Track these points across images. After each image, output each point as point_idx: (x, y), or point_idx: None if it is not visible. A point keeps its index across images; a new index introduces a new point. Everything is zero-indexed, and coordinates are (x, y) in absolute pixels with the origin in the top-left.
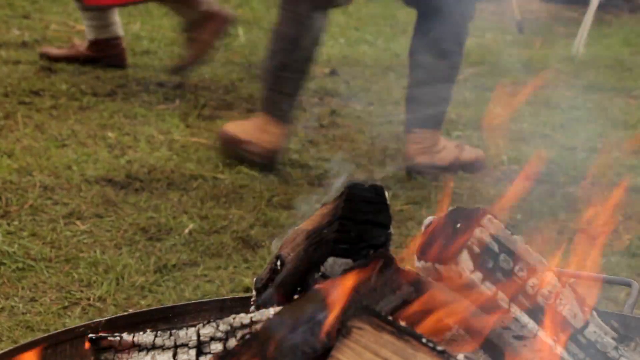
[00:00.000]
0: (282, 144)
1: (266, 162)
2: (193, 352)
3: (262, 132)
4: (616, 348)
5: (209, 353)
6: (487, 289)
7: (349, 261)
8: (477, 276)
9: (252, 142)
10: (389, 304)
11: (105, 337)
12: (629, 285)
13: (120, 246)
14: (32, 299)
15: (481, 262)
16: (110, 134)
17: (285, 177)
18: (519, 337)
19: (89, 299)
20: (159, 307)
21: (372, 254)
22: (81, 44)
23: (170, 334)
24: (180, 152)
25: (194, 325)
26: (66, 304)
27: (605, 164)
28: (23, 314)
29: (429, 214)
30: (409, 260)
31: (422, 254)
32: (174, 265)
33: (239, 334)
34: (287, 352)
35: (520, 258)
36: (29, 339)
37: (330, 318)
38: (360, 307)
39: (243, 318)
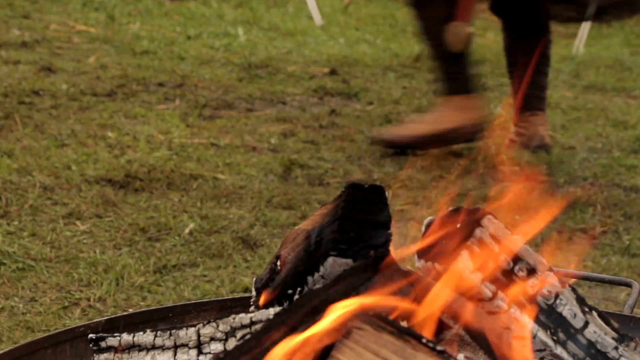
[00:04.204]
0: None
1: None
2: (193, 352)
3: (461, 111)
4: (616, 348)
5: (209, 353)
6: (487, 289)
7: (349, 261)
8: (477, 276)
9: (460, 126)
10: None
11: (105, 337)
12: (629, 285)
13: (120, 246)
14: (32, 299)
15: (481, 262)
16: (110, 134)
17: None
18: (519, 337)
19: (88, 299)
20: (159, 307)
21: (372, 254)
22: None
23: (170, 334)
24: (180, 152)
25: (194, 325)
26: (66, 304)
27: (605, 164)
28: (23, 314)
29: (429, 214)
30: (409, 260)
31: (422, 253)
32: (173, 266)
33: (239, 334)
34: None
35: (520, 258)
36: (29, 339)
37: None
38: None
39: (243, 318)
